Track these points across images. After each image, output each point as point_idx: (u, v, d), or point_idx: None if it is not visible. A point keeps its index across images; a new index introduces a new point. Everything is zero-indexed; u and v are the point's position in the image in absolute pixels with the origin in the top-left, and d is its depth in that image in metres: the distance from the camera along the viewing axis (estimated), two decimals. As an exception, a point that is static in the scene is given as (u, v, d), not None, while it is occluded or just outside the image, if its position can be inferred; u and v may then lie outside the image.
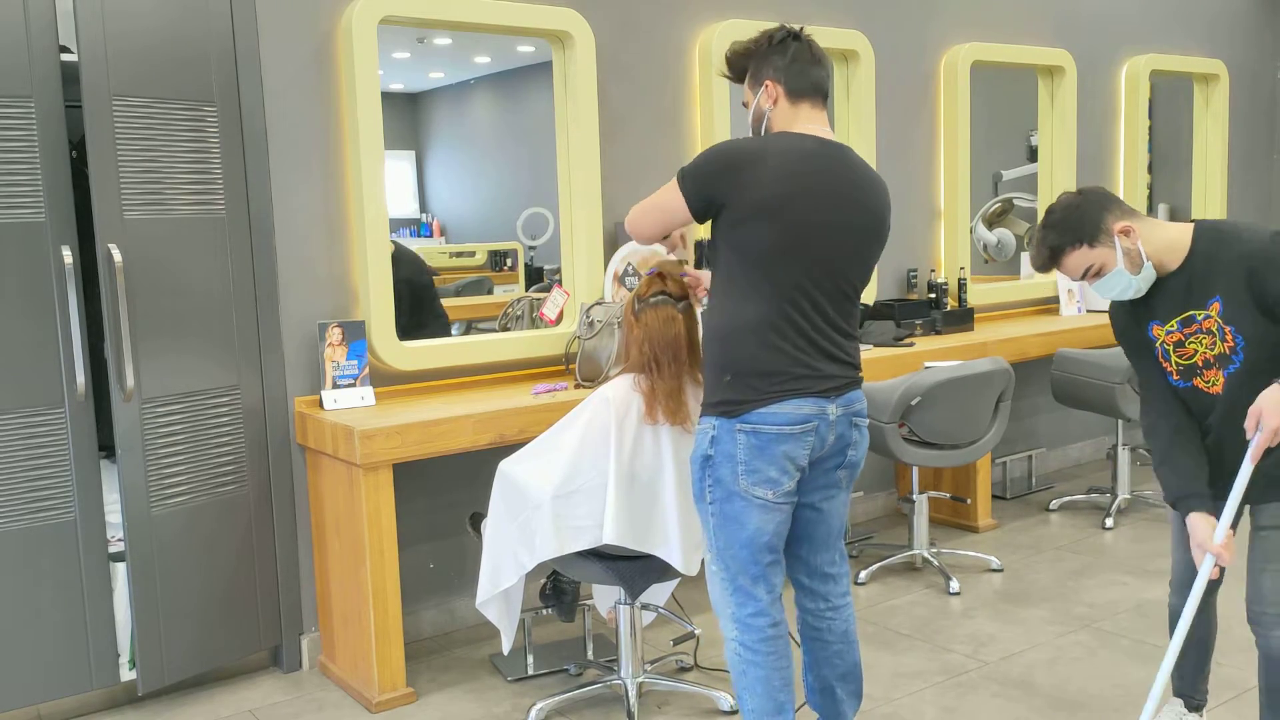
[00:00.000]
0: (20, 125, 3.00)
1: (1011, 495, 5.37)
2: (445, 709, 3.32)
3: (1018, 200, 5.73)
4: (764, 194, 2.39)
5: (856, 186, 2.48)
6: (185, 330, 3.29)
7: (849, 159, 2.51)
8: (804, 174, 2.42)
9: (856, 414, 2.55)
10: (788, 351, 2.42)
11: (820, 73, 2.57)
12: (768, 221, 2.40)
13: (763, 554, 2.52)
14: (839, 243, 2.45)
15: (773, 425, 2.43)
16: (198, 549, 3.34)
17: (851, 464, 2.59)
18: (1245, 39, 6.60)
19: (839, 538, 2.67)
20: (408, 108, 4.01)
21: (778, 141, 2.47)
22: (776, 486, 2.47)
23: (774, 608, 2.56)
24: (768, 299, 2.42)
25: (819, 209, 2.41)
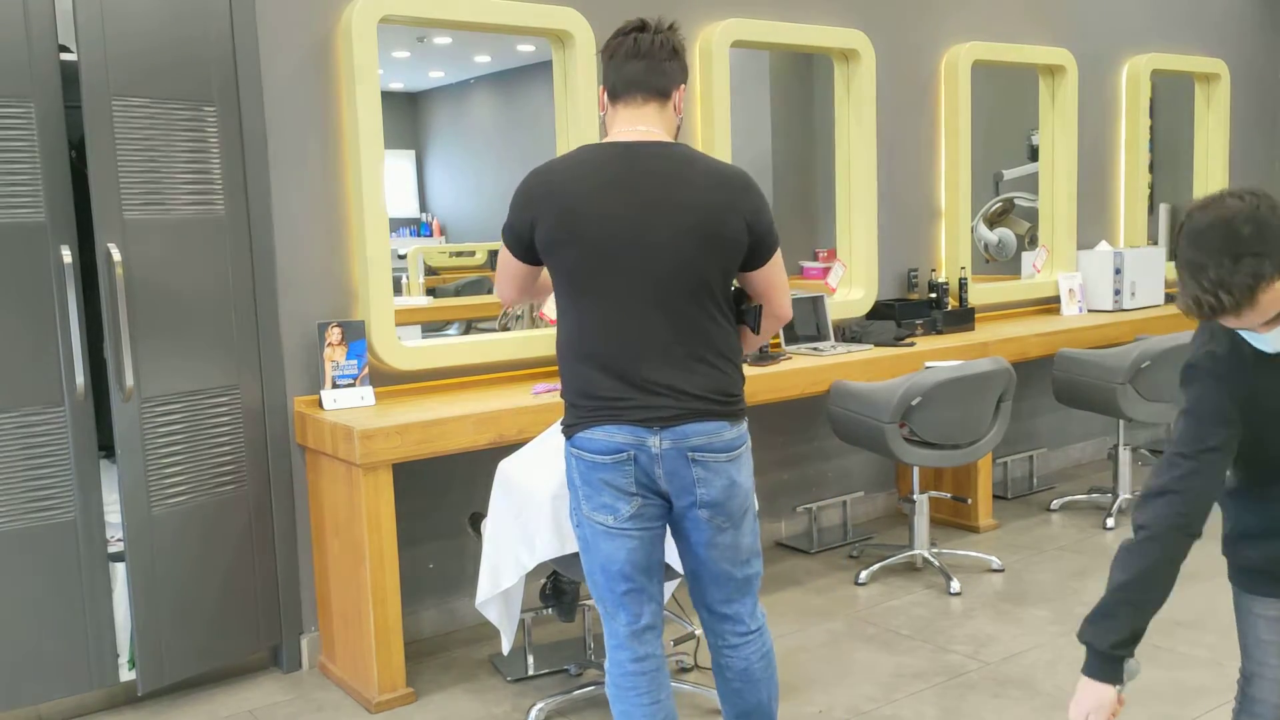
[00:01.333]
0: (20, 125, 3.00)
1: (1012, 495, 5.36)
2: (445, 709, 3.32)
3: (1018, 200, 5.73)
4: (559, 220, 2.28)
5: (672, 187, 2.29)
6: (185, 330, 3.28)
7: (666, 156, 2.32)
8: (600, 186, 2.28)
9: (694, 449, 2.31)
10: (601, 376, 2.30)
11: (634, 67, 2.35)
12: (566, 244, 2.29)
13: (617, 582, 2.39)
14: (651, 250, 2.27)
15: (590, 452, 2.33)
16: (198, 549, 3.34)
17: (706, 503, 2.34)
18: (1246, 39, 6.59)
19: (730, 580, 2.45)
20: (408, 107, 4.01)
21: (574, 155, 2.35)
22: (614, 512, 2.34)
23: (636, 641, 2.43)
24: (584, 322, 2.32)
25: (619, 221, 2.26)
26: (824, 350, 4.41)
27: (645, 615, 2.43)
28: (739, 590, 2.46)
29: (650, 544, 2.40)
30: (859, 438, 4.03)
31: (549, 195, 2.31)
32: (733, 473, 2.36)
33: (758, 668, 2.50)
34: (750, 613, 2.49)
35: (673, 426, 2.30)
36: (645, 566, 2.41)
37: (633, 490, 2.33)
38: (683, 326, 2.31)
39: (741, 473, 2.39)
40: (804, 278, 5.01)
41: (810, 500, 4.86)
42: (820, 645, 3.65)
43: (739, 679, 2.49)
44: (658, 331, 2.30)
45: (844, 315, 4.77)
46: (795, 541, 4.74)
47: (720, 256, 2.32)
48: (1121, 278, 5.53)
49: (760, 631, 2.51)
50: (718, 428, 2.33)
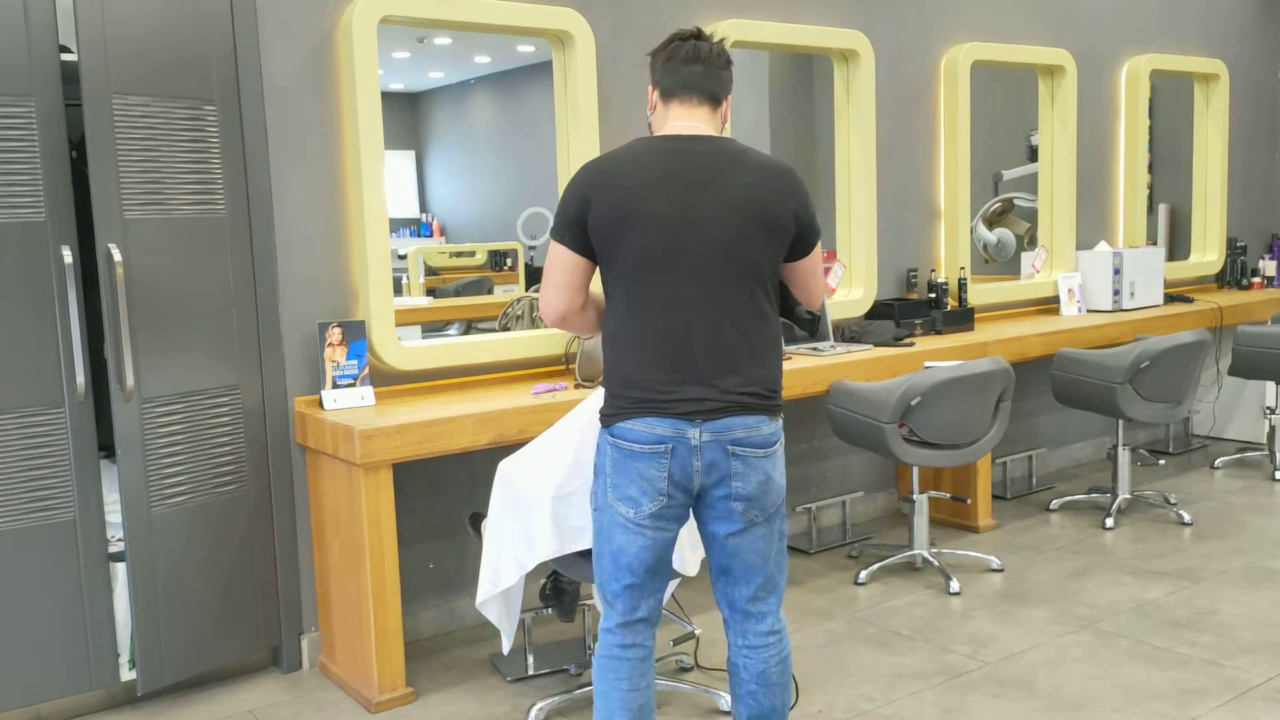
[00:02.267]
0: (20, 125, 3.00)
1: (1012, 495, 5.37)
2: (445, 709, 3.32)
3: (1018, 200, 5.73)
4: (615, 204, 2.32)
5: (724, 178, 2.34)
6: (185, 330, 3.28)
7: (719, 150, 2.37)
8: (656, 178, 2.32)
9: (734, 442, 2.35)
10: (648, 367, 2.34)
11: (693, 70, 2.43)
12: (622, 232, 2.32)
13: (623, 574, 2.42)
14: (706, 244, 2.32)
15: (629, 441, 2.36)
16: (198, 549, 3.34)
17: (742, 497, 2.39)
18: (1245, 39, 6.59)
19: (760, 574, 2.47)
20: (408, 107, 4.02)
21: (631, 148, 2.39)
22: (637, 507, 2.37)
23: (628, 630, 2.47)
24: (631, 311, 2.35)
25: (674, 212, 2.31)
26: (823, 350, 4.42)
27: (642, 609, 2.48)
28: (767, 588, 2.49)
29: (663, 545, 2.44)
30: (858, 438, 4.04)
31: (604, 183, 2.35)
32: (769, 468, 2.41)
33: (775, 671, 2.52)
34: (774, 613, 2.52)
35: (714, 419, 2.34)
36: (653, 566, 2.44)
37: (663, 487, 2.36)
38: (731, 318, 2.35)
39: (777, 469, 2.44)
40: (804, 278, 5.00)
41: (810, 500, 4.86)
42: (820, 645, 3.65)
43: (755, 681, 2.51)
44: (706, 323, 2.34)
45: (843, 315, 4.77)
46: (795, 541, 4.74)
47: (770, 246, 2.38)
48: (1121, 278, 5.53)
49: (781, 635, 2.53)
50: (758, 422, 2.38)
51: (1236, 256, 6.46)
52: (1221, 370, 6.11)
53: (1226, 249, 6.45)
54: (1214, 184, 6.36)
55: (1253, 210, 6.80)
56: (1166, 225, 6.43)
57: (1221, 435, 6.30)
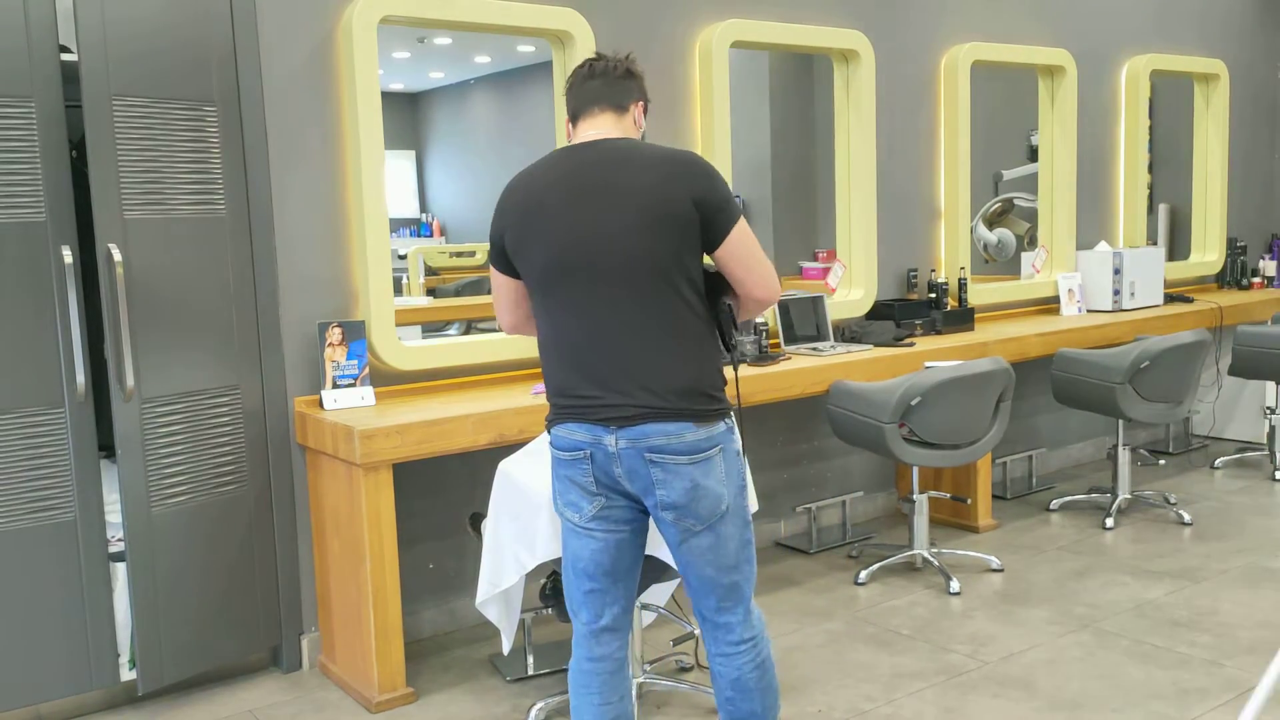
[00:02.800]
0: (20, 125, 3.00)
1: (1012, 495, 5.37)
2: (445, 709, 3.32)
3: (1018, 200, 5.73)
4: (518, 216, 2.35)
5: (616, 177, 2.29)
6: (185, 330, 3.29)
7: (611, 150, 2.33)
8: (547, 187, 2.34)
9: (652, 450, 2.28)
10: (570, 373, 2.35)
11: (591, 86, 2.42)
12: (528, 240, 2.34)
13: (581, 580, 2.43)
14: (608, 247, 2.28)
15: (557, 448, 2.39)
16: (198, 549, 3.34)
17: (669, 505, 2.32)
18: (1245, 39, 6.59)
19: (717, 585, 2.42)
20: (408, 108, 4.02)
21: (540, 161, 2.42)
22: (578, 510, 2.39)
23: (594, 640, 2.46)
24: (548, 321, 2.37)
25: (570, 216, 2.30)
26: (823, 350, 4.42)
27: (606, 617, 2.46)
28: (727, 597, 2.43)
29: (616, 547, 2.41)
30: (858, 438, 4.04)
31: (512, 203, 2.39)
32: (696, 475, 2.31)
33: (750, 678, 2.47)
34: (742, 621, 2.46)
35: (630, 426, 2.30)
36: (609, 569, 2.42)
37: (594, 489, 2.36)
38: (646, 320, 2.29)
39: (710, 476, 2.33)
40: (804, 278, 5.01)
41: (810, 500, 4.86)
42: (820, 645, 3.65)
43: (730, 688, 2.48)
44: (620, 327, 2.30)
45: (843, 315, 4.77)
46: (795, 541, 4.74)
47: (671, 238, 2.28)
48: (1121, 278, 5.53)
49: (753, 642, 2.48)
50: (679, 429, 2.30)
51: (1236, 256, 6.46)
52: (1221, 370, 6.11)
53: (1226, 249, 6.45)
54: (1214, 184, 6.36)
55: (1253, 210, 6.80)
56: (1166, 225, 6.43)
57: (1221, 435, 6.30)
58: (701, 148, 4.36)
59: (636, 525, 2.43)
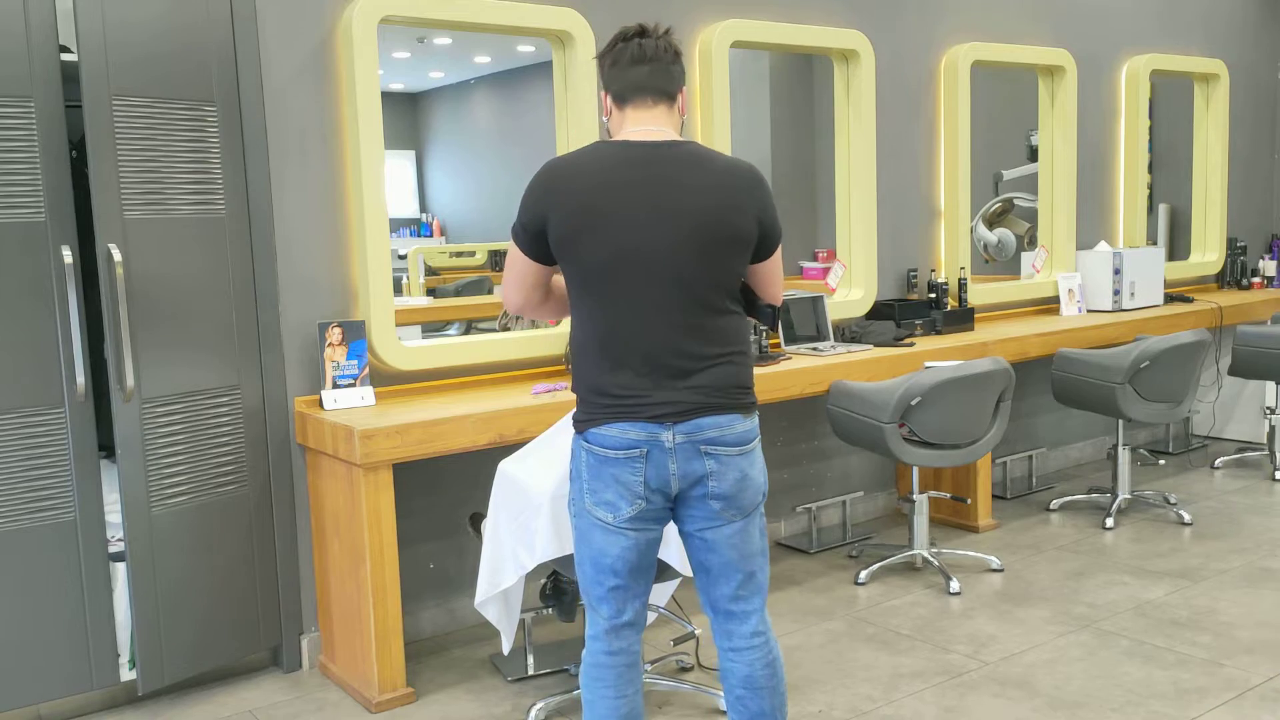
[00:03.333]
0: (20, 125, 3.01)
1: (1012, 495, 5.37)
2: (445, 709, 3.32)
3: (1018, 200, 5.73)
4: (575, 209, 2.30)
5: (684, 186, 2.32)
6: (185, 330, 3.29)
7: (676, 154, 2.35)
8: (615, 182, 2.30)
9: (707, 442, 2.33)
10: (617, 371, 2.32)
11: (640, 71, 2.40)
12: (584, 236, 2.30)
13: (606, 576, 2.40)
14: (667, 249, 2.29)
15: (602, 447, 2.34)
16: (198, 549, 3.34)
17: (720, 495, 2.36)
18: (1245, 39, 6.59)
19: (739, 571, 2.43)
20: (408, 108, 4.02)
21: (593, 154, 2.36)
22: (615, 510, 2.35)
23: (614, 636, 2.45)
24: (597, 316, 2.33)
25: (636, 215, 2.29)
26: (824, 350, 4.42)
27: (628, 612, 2.45)
28: (748, 586, 2.45)
29: (646, 546, 2.41)
30: (858, 438, 4.04)
31: (564, 191, 2.32)
32: (745, 466, 2.38)
33: (762, 675, 2.47)
34: (758, 613, 2.48)
35: (685, 420, 2.33)
36: (637, 567, 2.42)
37: (639, 491, 2.34)
38: (696, 322, 2.33)
39: (754, 467, 2.41)
40: (804, 278, 5.01)
41: (810, 500, 4.86)
42: (820, 645, 3.65)
43: (741, 685, 2.47)
44: (671, 327, 2.32)
45: (844, 315, 4.77)
46: (795, 541, 4.74)
47: (731, 252, 2.35)
48: (1121, 278, 5.53)
49: (766, 637, 2.49)
50: (730, 420, 2.35)
51: (1236, 256, 6.46)
52: (1221, 370, 6.11)
53: (1226, 249, 6.45)
54: (1214, 184, 6.36)
55: (1253, 210, 6.80)
56: (1166, 225, 6.43)
57: (1221, 435, 6.30)
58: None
59: (664, 522, 2.44)
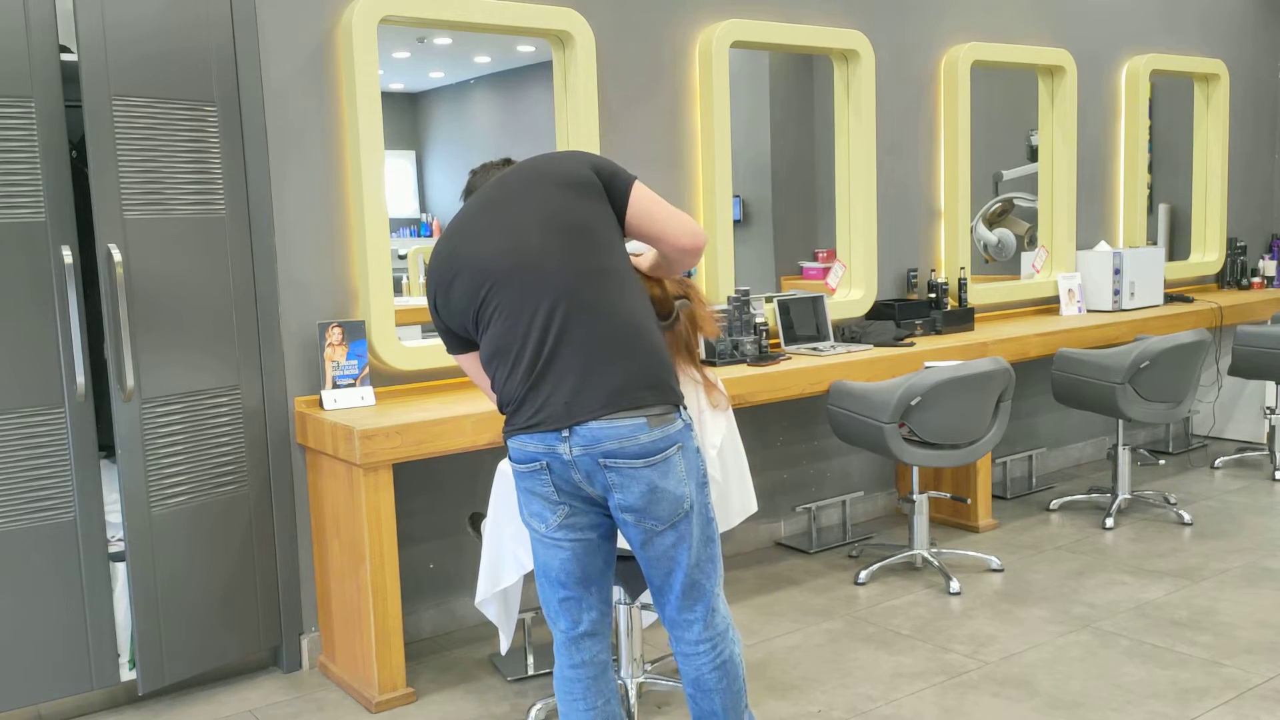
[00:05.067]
0: (20, 125, 3.01)
1: (1012, 495, 5.37)
2: (445, 709, 3.32)
3: (1018, 200, 5.73)
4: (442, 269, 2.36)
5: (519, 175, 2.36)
6: (185, 330, 3.29)
7: (508, 171, 2.43)
8: (464, 220, 2.39)
9: (607, 455, 2.22)
10: (512, 384, 2.28)
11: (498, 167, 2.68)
12: (454, 280, 2.32)
13: (554, 588, 2.40)
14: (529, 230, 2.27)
15: (515, 461, 2.34)
16: (198, 549, 3.34)
17: (628, 508, 2.27)
18: (1245, 39, 6.59)
19: (677, 584, 2.38)
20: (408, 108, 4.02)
21: (445, 230, 2.45)
22: (544, 520, 2.34)
23: (575, 648, 2.44)
24: (494, 336, 2.30)
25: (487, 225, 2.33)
26: (823, 350, 4.42)
27: (584, 623, 2.43)
28: (687, 596, 2.40)
29: (585, 554, 2.38)
30: (858, 438, 4.04)
31: (432, 270, 2.40)
32: (653, 478, 2.26)
33: (709, 678, 2.44)
34: (702, 620, 2.42)
35: (579, 428, 2.23)
36: (581, 576, 2.39)
37: (557, 498, 2.32)
38: (591, 301, 2.25)
39: (669, 478, 2.27)
40: (804, 278, 5.01)
41: (810, 500, 4.86)
42: (820, 645, 3.65)
43: (691, 686, 2.47)
44: (563, 317, 2.24)
45: (843, 315, 4.77)
46: (795, 541, 4.74)
47: (582, 198, 2.30)
48: (1121, 278, 5.53)
49: (713, 642, 2.43)
50: (632, 430, 2.23)
51: (1236, 256, 6.46)
52: (1221, 370, 6.11)
53: (1226, 249, 6.45)
54: (1214, 184, 6.36)
55: (1253, 210, 6.80)
56: (1166, 225, 6.43)
57: (1221, 435, 6.30)
58: (701, 148, 4.36)
59: (604, 529, 2.39)
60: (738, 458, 3.05)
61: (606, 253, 2.30)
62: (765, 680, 3.40)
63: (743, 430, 3.38)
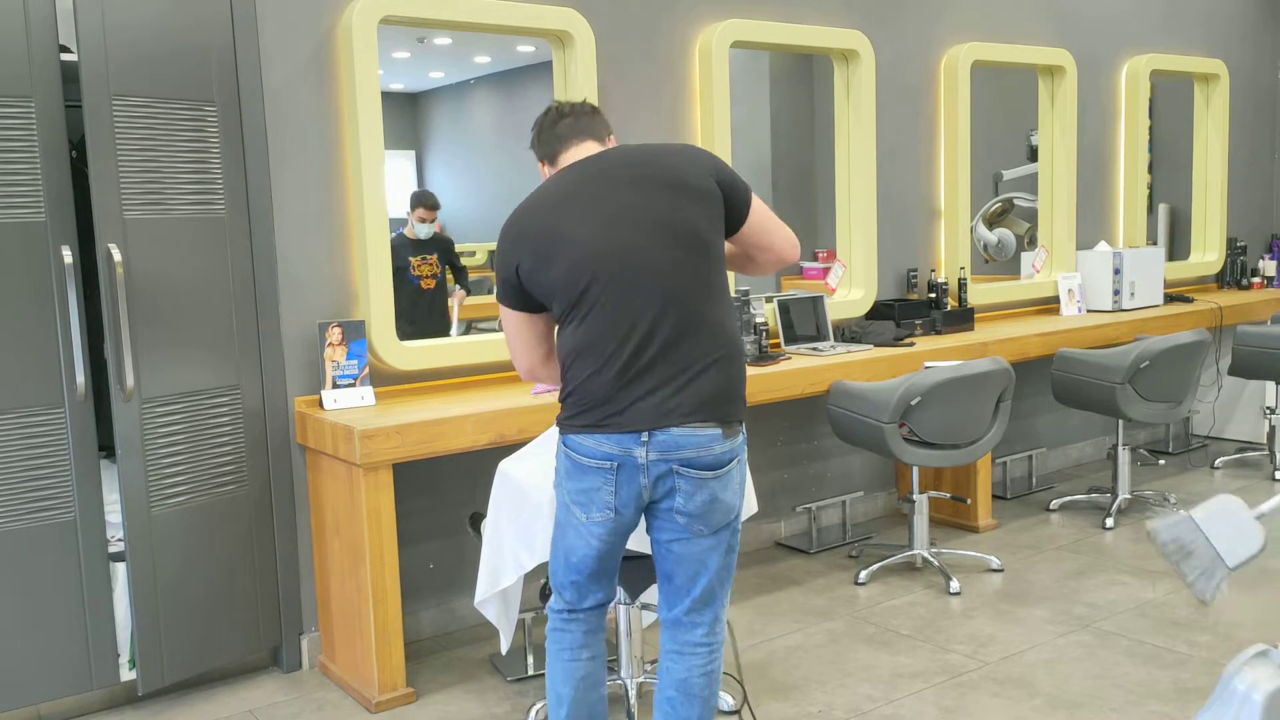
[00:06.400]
0: (20, 125, 3.01)
1: (1012, 495, 5.37)
2: (445, 709, 3.32)
3: (1018, 200, 5.73)
4: (534, 245, 2.31)
5: (635, 166, 2.32)
6: (185, 330, 3.29)
7: (618, 152, 2.37)
8: (561, 203, 2.32)
9: (681, 461, 2.29)
10: (596, 384, 2.30)
11: (564, 124, 2.46)
12: (549, 265, 2.30)
13: (570, 570, 2.47)
14: (638, 231, 2.27)
15: (579, 454, 2.35)
16: (198, 549, 3.34)
17: (689, 513, 2.34)
18: (1245, 39, 6.60)
19: (700, 584, 2.42)
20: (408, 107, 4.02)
21: (542, 187, 2.40)
22: (588, 512, 2.38)
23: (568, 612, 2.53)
24: (578, 330, 2.31)
25: (590, 223, 2.29)
26: (823, 350, 4.42)
27: (588, 600, 2.52)
28: (705, 599, 2.44)
29: (611, 550, 2.44)
30: (858, 438, 4.04)
31: (523, 232, 2.35)
32: (717, 489, 2.34)
33: (699, 682, 2.45)
34: (708, 626, 2.46)
35: (659, 435, 2.29)
36: (597, 569, 2.47)
37: (611, 502, 2.35)
38: (685, 309, 2.28)
39: (728, 490, 2.36)
40: (804, 278, 5.01)
41: (810, 500, 4.86)
42: (820, 645, 3.65)
43: (675, 688, 2.47)
44: (656, 321, 2.28)
45: (843, 315, 4.77)
46: (795, 541, 4.74)
47: (700, 205, 2.31)
48: (1121, 278, 5.53)
49: (712, 648, 2.47)
50: (709, 440, 2.31)
51: (1236, 256, 6.46)
52: (1221, 370, 6.11)
53: (1226, 249, 6.45)
54: (1214, 184, 6.36)
55: (1253, 210, 6.80)
56: (1166, 225, 6.43)
57: (1221, 435, 6.30)
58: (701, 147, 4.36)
59: (632, 528, 2.44)
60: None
61: (717, 265, 2.35)
62: (765, 680, 3.40)
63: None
